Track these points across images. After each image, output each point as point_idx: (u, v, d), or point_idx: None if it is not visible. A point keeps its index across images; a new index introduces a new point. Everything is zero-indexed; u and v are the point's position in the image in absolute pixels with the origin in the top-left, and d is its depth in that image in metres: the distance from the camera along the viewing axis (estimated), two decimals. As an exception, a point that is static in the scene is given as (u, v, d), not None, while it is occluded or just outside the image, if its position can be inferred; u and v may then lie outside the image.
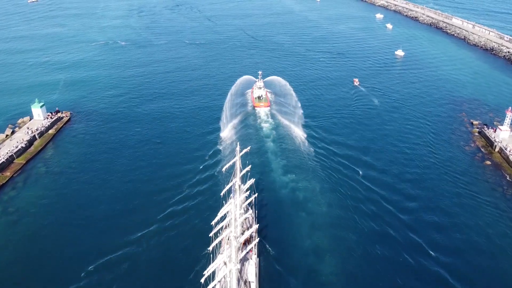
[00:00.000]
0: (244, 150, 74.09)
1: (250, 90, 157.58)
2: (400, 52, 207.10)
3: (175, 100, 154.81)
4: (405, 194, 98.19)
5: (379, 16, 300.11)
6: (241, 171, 72.50)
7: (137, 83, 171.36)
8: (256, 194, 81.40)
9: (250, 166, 78.89)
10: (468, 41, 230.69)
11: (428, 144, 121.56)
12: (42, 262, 78.47)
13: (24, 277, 75.12)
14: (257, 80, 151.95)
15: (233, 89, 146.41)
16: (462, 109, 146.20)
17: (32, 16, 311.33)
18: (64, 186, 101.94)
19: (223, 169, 77.61)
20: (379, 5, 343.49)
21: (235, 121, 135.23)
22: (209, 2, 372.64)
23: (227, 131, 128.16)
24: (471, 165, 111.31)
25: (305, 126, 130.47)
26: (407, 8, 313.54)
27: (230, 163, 72.71)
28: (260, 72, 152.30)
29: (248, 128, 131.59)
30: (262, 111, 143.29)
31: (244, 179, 76.12)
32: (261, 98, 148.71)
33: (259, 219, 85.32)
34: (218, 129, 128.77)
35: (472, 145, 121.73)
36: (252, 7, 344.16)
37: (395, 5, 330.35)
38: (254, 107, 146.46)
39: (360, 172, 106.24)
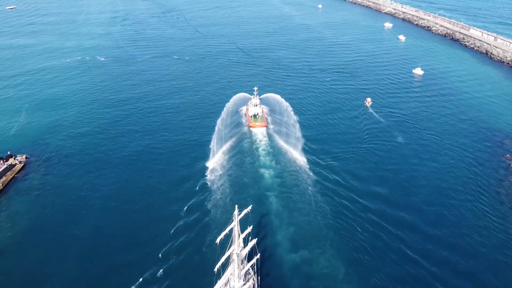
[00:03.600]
0: (244, 211, 64.50)
1: (245, 107, 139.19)
2: (418, 71, 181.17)
3: (161, 125, 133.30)
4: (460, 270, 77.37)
5: (387, 25, 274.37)
6: (239, 236, 62.69)
7: (114, 115, 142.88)
8: (258, 255, 68.48)
9: (251, 227, 66.93)
10: (492, 56, 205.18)
11: (473, 203, 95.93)
12: None
13: None
14: (252, 96, 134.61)
15: (226, 109, 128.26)
16: (504, 148, 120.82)
17: (6, 29, 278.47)
18: (5, 272, 76.65)
19: (217, 240, 62.47)
20: (385, 13, 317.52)
21: (227, 147, 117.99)
22: (199, 9, 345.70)
23: (216, 165, 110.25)
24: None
25: (315, 169, 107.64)
26: (417, 17, 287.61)
27: (226, 231, 61.86)
28: (255, 88, 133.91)
29: (244, 176, 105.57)
30: (259, 134, 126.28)
31: (243, 239, 65.61)
32: (257, 116, 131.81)
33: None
34: (207, 158, 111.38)
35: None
36: (247, 16, 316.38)
37: (404, 12, 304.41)
38: (249, 127, 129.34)
39: (402, 245, 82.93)
